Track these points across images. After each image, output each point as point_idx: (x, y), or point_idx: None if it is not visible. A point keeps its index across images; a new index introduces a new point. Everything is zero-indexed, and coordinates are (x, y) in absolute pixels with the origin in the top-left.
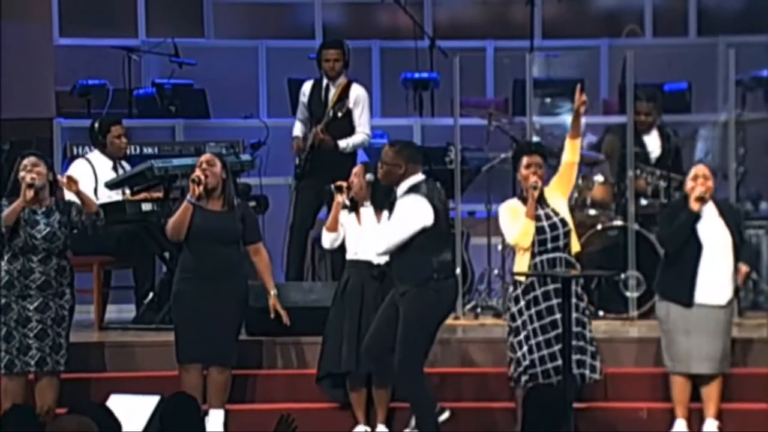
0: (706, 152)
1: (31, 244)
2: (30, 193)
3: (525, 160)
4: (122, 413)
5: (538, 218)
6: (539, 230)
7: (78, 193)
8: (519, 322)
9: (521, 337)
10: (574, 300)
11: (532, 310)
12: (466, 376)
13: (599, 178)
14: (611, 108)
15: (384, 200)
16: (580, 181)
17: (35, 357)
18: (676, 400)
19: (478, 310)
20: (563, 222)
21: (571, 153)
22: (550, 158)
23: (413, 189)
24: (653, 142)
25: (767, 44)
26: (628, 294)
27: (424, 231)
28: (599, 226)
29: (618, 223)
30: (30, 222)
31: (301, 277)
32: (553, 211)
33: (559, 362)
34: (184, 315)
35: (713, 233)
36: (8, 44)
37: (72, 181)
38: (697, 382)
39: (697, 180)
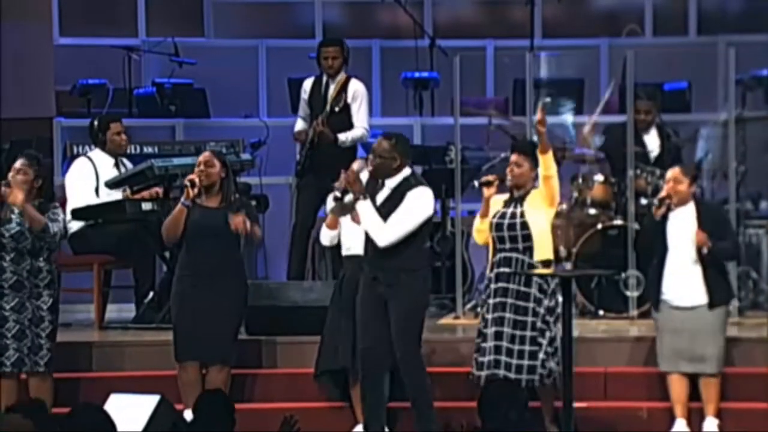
0: (706, 151)
1: (1, 243)
2: (19, 198)
3: (512, 157)
4: (122, 413)
5: (503, 215)
6: (497, 226)
7: (23, 208)
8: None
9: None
10: (531, 304)
11: (484, 308)
12: (466, 375)
13: (599, 177)
14: (611, 107)
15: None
16: (580, 181)
17: (12, 357)
18: (673, 400)
19: (478, 309)
20: (523, 225)
21: (542, 167)
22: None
23: (409, 180)
24: (652, 141)
25: (767, 43)
26: (627, 293)
27: (425, 222)
28: (599, 226)
29: (618, 222)
30: (4, 221)
31: (303, 276)
32: (522, 213)
33: (495, 357)
34: (182, 313)
35: (683, 236)
36: (8, 44)
37: (14, 193)
38: (696, 381)
39: (669, 183)
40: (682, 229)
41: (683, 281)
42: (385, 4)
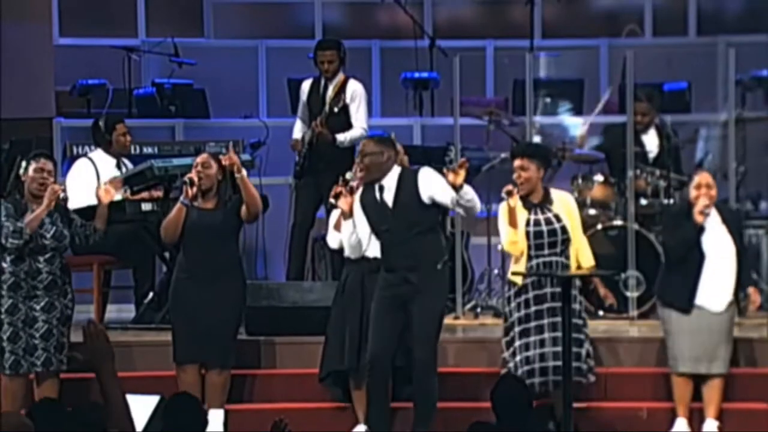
0: (706, 152)
1: (41, 244)
2: (52, 204)
3: (514, 163)
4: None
5: (537, 222)
6: (537, 234)
7: (106, 206)
8: (508, 323)
9: (508, 337)
10: (576, 306)
11: (522, 312)
12: (466, 375)
13: (599, 177)
14: (611, 108)
15: None
16: (580, 181)
17: (41, 357)
18: (677, 400)
19: (478, 309)
20: (563, 229)
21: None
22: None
23: (407, 170)
24: (651, 141)
25: (767, 44)
26: (628, 294)
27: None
28: (599, 226)
29: (618, 222)
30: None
31: (302, 276)
32: (556, 216)
33: (543, 364)
34: (181, 315)
35: (716, 241)
36: (8, 44)
37: (108, 192)
38: (698, 382)
39: (701, 189)
40: (715, 234)
41: (719, 285)
42: (384, 4)
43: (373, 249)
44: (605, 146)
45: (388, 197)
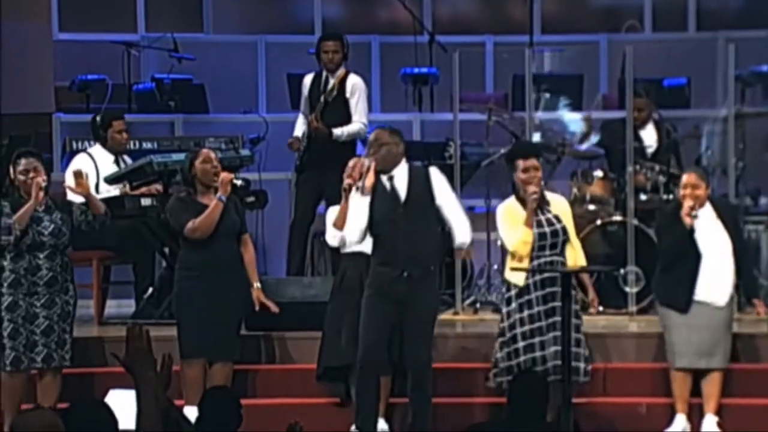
0: (706, 147)
1: (39, 241)
2: (42, 195)
3: (521, 164)
4: (122, 408)
5: (539, 224)
6: (540, 236)
7: (87, 196)
8: (506, 324)
9: (506, 338)
10: (576, 306)
11: (525, 313)
12: (465, 371)
13: (598, 173)
14: (610, 103)
15: None
16: (579, 177)
17: (42, 353)
18: (676, 396)
19: (477, 305)
20: (564, 230)
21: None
22: (548, 153)
23: (415, 165)
24: (650, 137)
25: (767, 39)
26: (627, 289)
27: None
28: (598, 221)
29: (617, 218)
30: (35, 220)
31: (302, 272)
32: (556, 217)
33: (543, 366)
34: (187, 310)
35: (711, 239)
36: (8, 39)
37: (80, 185)
38: (697, 377)
39: (687, 189)
40: (710, 232)
41: (719, 281)
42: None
43: (369, 244)
44: (604, 142)
45: (400, 189)
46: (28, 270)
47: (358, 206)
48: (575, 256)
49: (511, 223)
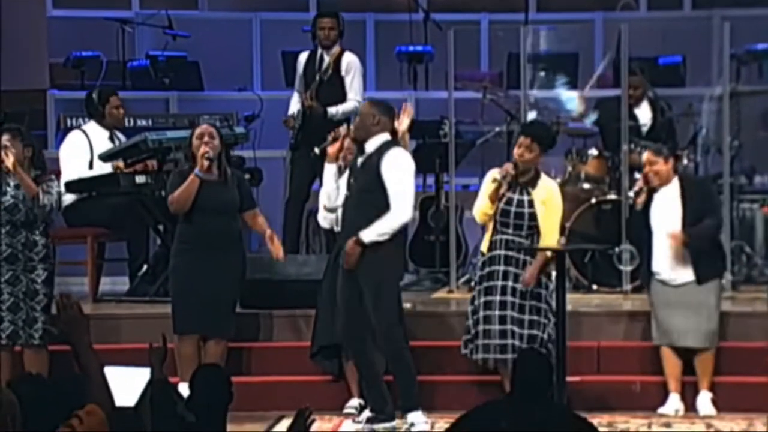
0: (700, 126)
1: None
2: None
3: (519, 140)
4: (115, 385)
5: (508, 201)
6: (504, 212)
7: (16, 174)
8: (475, 292)
9: (472, 307)
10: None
11: (485, 284)
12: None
13: (593, 152)
14: (605, 82)
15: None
16: (574, 155)
17: (7, 330)
18: (667, 374)
19: (472, 283)
20: (531, 216)
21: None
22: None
23: (388, 144)
24: (644, 115)
25: (762, 18)
26: (621, 268)
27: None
28: (593, 200)
29: (612, 197)
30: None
31: (297, 249)
32: (530, 202)
33: (501, 341)
34: (182, 286)
35: (667, 216)
36: (2, 16)
37: (7, 157)
38: (689, 356)
39: (645, 167)
40: (666, 208)
41: (671, 260)
42: None
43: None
44: (599, 120)
45: (359, 161)
46: None
47: (327, 173)
48: (547, 243)
49: (485, 190)
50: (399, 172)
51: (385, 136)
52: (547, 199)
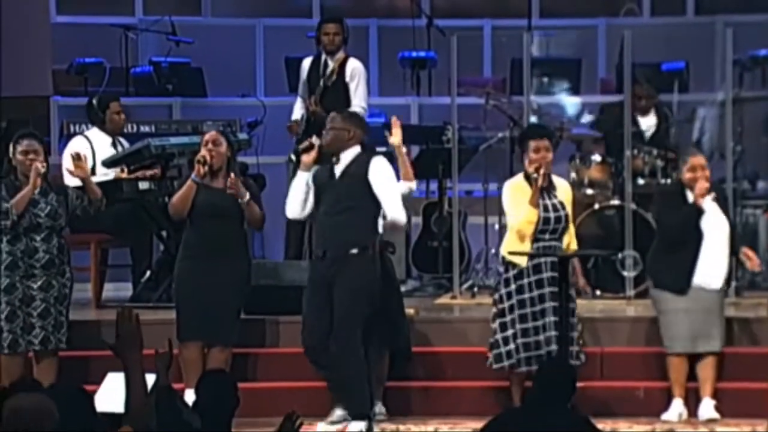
0: (703, 132)
1: (35, 223)
2: (39, 182)
3: (533, 144)
4: (120, 391)
5: (545, 208)
6: (545, 220)
7: (85, 179)
8: (506, 305)
9: (506, 320)
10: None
11: (524, 296)
12: (463, 355)
13: (596, 157)
14: (608, 87)
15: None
16: (577, 161)
17: (39, 336)
18: (672, 380)
19: (475, 289)
20: (566, 218)
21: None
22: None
23: (366, 152)
24: (648, 121)
25: (765, 23)
26: (624, 273)
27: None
28: (596, 206)
29: (615, 202)
30: (31, 202)
31: (300, 256)
32: (561, 204)
33: (539, 352)
34: (186, 292)
35: (713, 222)
36: (5, 22)
37: (79, 168)
38: (693, 361)
39: (696, 172)
40: (711, 214)
41: (716, 265)
42: None
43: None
44: (602, 126)
45: (337, 172)
46: (25, 252)
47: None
48: (569, 240)
49: (517, 201)
50: (389, 179)
51: (357, 148)
52: (568, 198)
